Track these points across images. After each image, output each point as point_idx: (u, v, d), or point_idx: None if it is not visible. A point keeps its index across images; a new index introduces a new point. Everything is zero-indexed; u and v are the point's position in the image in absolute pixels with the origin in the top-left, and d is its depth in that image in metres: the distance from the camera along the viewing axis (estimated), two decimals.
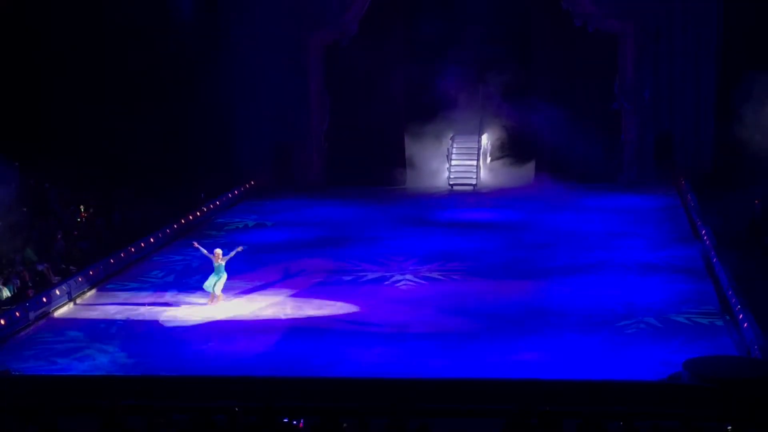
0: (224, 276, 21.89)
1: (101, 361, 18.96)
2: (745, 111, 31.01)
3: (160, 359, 18.94)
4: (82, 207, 28.53)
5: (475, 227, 29.15)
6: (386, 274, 24.37)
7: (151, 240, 27.01)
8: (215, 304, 21.83)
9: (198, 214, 30.34)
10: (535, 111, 34.43)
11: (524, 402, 14.06)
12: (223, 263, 21.81)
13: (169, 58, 33.47)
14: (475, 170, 35.01)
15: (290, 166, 35.43)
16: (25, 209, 26.80)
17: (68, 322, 21.34)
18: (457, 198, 33.66)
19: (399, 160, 35.79)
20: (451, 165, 35.26)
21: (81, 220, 27.86)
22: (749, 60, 31.74)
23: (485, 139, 36.25)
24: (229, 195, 32.99)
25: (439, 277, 24.07)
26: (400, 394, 16.01)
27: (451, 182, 34.97)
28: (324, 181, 35.65)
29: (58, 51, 32.77)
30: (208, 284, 21.95)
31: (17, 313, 20.76)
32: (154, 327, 20.86)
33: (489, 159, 36.70)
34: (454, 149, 35.51)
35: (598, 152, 34.37)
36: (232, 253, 22.13)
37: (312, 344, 19.59)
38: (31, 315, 21.14)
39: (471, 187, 34.59)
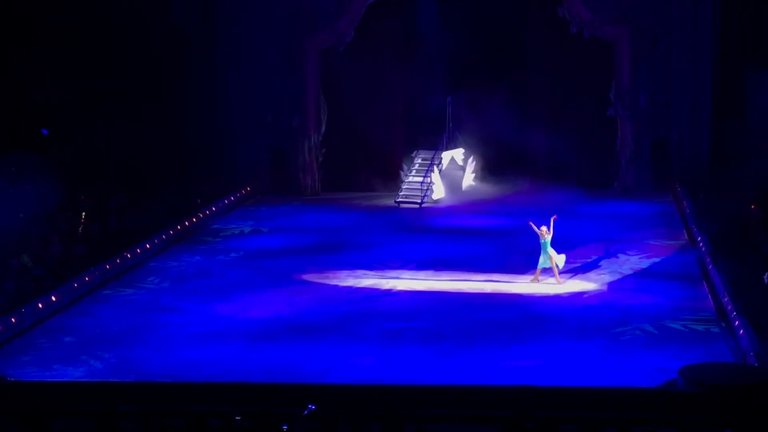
0: (551, 250, 23.01)
1: (96, 366, 18.94)
2: (740, 117, 31.06)
3: (155, 365, 18.92)
4: (82, 213, 28.49)
5: (471, 233, 29.12)
6: (381, 280, 24.36)
7: (147, 246, 26.99)
8: (559, 280, 23.25)
9: (194, 219, 30.30)
10: (531, 118, 34.45)
11: (520, 408, 14.05)
12: (548, 238, 22.93)
13: (166, 63, 33.45)
14: (420, 187, 33.55)
15: (286, 172, 35.37)
16: (21, 214, 26.75)
17: (64, 328, 21.30)
18: (454, 204, 33.59)
19: (395, 166, 35.75)
20: (403, 182, 34.27)
21: (77, 225, 27.81)
22: (745, 66, 31.80)
23: (460, 153, 35.56)
24: (226, 201, 32.95)
25: (435, 283, 24.05)
26: (396, 400, 15.98)
27: (397, 200, 33.50)
28: (320, 186, 35.61)
29: (55, 53, 32.72)
30: (543, 262, 23.09)
31: (13, 319, 20.72)
32: (148, 333, 20.83)
33: (470, 174, 35.66)
34: (416, 165, 34.89)
35: (593, 158, 34.46)
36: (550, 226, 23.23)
37: (307, 350, 19.58)
38: (27, 321, 21.10)
39: (417, 206, 33.06)
